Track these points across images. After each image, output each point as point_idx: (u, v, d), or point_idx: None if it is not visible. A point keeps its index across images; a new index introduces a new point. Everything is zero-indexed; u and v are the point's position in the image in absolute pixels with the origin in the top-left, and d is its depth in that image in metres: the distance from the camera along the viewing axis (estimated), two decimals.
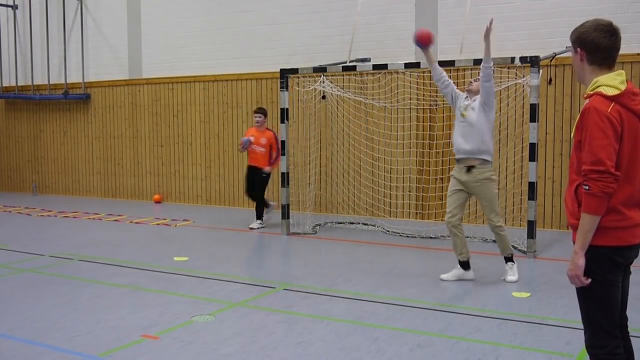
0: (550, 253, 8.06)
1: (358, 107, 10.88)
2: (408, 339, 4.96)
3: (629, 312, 3.32)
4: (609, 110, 2.92)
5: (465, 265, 6.75)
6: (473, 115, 6.59)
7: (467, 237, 7.00)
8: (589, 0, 9.36)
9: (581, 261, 2.97)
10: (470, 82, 6.96)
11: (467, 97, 6.78)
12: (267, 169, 10.00)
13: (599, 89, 3.00)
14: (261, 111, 10.18)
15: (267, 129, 10.17)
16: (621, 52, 3.31)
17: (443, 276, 6.77)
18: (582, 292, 3.08)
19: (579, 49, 3.10)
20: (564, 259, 7.83)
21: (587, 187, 2.93)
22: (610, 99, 2.95)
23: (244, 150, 10.14)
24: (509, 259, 6.76)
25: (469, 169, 6.55)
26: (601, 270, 3.00)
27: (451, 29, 10.20)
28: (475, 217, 10.09)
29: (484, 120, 6.57)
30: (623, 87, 2.99)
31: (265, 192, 10.32)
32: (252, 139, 9.95)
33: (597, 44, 3.05)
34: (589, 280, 3.00)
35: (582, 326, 3.19)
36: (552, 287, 6.42)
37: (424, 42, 6.53)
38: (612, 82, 3.00)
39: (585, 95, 3.09)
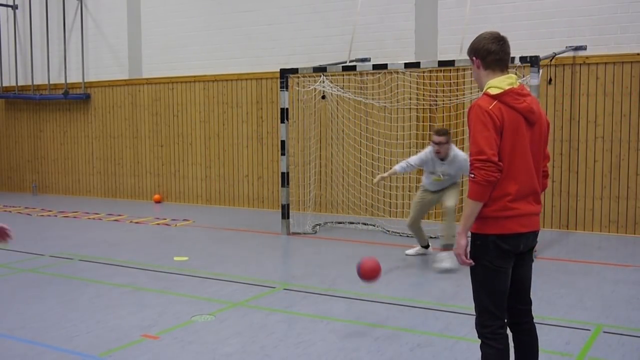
0: (550, 253, 8.05)
1: (358, 107, 10.88)
2: (408, 339, 4.96)
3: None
4: (490, 107, 3.20)
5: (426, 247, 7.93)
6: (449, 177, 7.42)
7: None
8: (589, 0, 9.35)
9: (463, 242, 3.28)
10: (437, 145, 7.25)
11: (438, 159, 7.32)
12: None
13: (487, 90, 3.31)
14: None
15: None
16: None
17: (408, 252, 7.92)
18: (472, 276, 3.38)
19: (474, 58, 3.42)
20: (564, 259, 7.84)
21: (472, 175, 3.17)
22: (493, 97, 3.25)
23: None
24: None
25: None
26: (489, 257, 3.27)
27: (451, 29, 10.19)
28: None
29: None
30: (507, 88, 3.27)
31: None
32: None
33: (487, 49, 3.36)
34: (472, 262, 3.28)
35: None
36: (551, 287, 6.41)
37: (368, 277, 5.42)
38: (499, 84, 3.29)
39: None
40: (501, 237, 3.25)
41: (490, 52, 3.35)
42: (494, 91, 3.26)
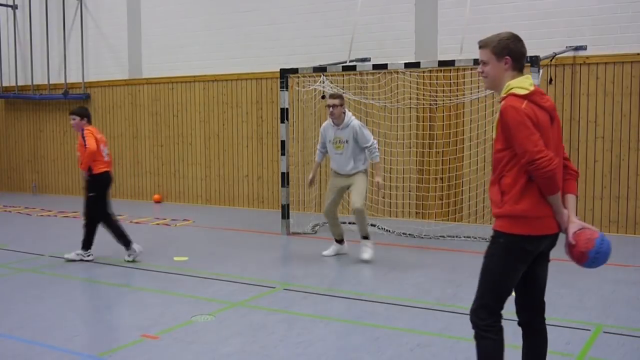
0: (550, 253, 8.04)
1: (358, 107, 10.87)
2: (408, 339, 4.96)
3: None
4: (523, 107, 3.24)
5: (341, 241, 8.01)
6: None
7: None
8: (589, 0, 9.35)
9: (578, 221, 3.35)
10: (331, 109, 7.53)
11: (333, 124, 7.65)
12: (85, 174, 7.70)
13: (511, 91, 3.32)
14: (74, 112, 7.86)
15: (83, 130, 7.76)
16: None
17: (325, 252, 7.95)
18: (484, 270, 3.41)
19: (507, 57, 3.39)
20: (564, 259, 7.82)
21: (535, 177, 3.19)
22: (523, 97, 3.28)
23: None
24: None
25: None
26: (509, 257, 3.31)
27: (451, 29, 10.19)
28: (476, 218, 10.09)
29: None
30: (532, 88, 3.33)
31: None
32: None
33: (522, 52, 3.42)
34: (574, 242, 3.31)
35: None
36: (551, 287, 6.39)
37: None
38: (522, 84, 3.33)
39: (500, 99, 3.40)
40: (527, 238, 3.28)
41: (524, 55, 3.42)
42: (521, 91, 3.29)
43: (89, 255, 7.82)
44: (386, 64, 9.33)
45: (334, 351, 4.71)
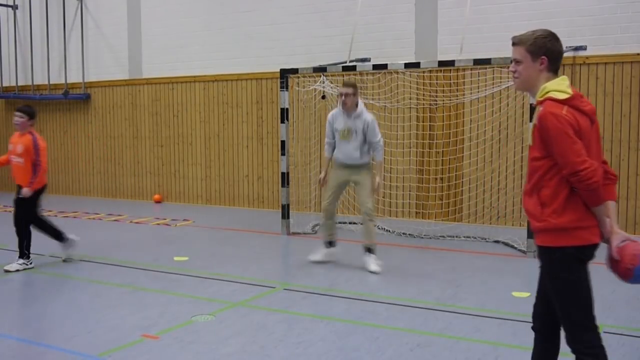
0: None
1: None
2: (408, 339, 4.96)
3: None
4: (563, 113, 3.03)
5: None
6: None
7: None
8: (589, 0, 9.35)
9: (621, 231, 3.15)
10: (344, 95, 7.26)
11: (345, 112, 7.30)
12: (24, 190, 7.23)
13: (548, 94, 3.11)
14: (22, 109, 7.34)
15: (29, 132, 7.33)
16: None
17: (312, 258, 7.62)
18: (555, 293, 3.21)
19: (543, 57, 3.18)
20: None
21: (578, 189, 3.03)
22: (563, 102, 3.07)
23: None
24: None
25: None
26: (570, 270, 3.15)
27: (451, 29, 10.19)
28: (476, 218, 10.09)
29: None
30: (571, 91, 3.11)
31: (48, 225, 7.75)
32: (10, 147, 7.42)
33: (560, 52, 3.22)
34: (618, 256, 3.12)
35: None
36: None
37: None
38: (559, 87, 3.12)
39: (536, 102, 3.20)
40: (579, 249, 3.12)
41: (561, 55, 3.22)
42: (560, 95, 3.08)
43: (31, 263, 7.43)
44: (386, 64, 9.33)
45: (334, 351, 4.71)
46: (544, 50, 3.17)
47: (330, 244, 7.66)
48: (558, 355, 3.48)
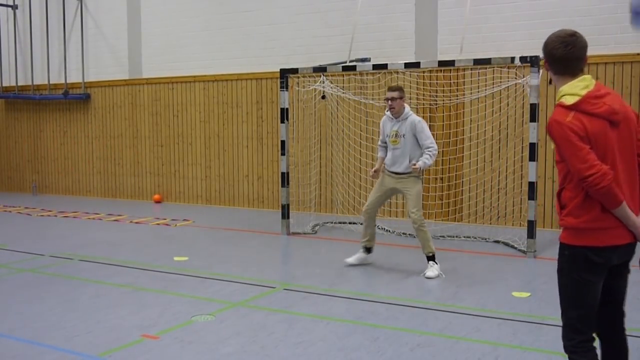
0: (550, 253, 8.05)
1: (358, 107, 10.88)
2: (408, 339, 4.96)
3: (628, 311, 3.35)
4: (567, 120, 3.01)
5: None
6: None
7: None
8: (589, 0, 9.35)
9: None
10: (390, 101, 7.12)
11: (392, 117, 7.19)
12: None
13: (561, 99, 3.09)
14: None
15: None
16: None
17: (348, 260, 7.46)
18: (559, 289, 3.25)
19: (546, 62, 3.19)
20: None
21: (590, 193, 3.03)
22: (569, 108, 3.04)
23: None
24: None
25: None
26: (577, 269, 3.12)
27: (451, 28, 10.20)
28: (476, 218, 10.09)
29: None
30: (583, 93, 3.04)
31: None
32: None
33: (553, 54, 3.12)
34: None
35: None
36: (552, 287, 6.38)
37: None
38: (572, 89, 3.07)
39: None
40: (593, 250, 3.08)
41: (556, 58, 3.11)
42: (568, 100, 3.04)
43: None
44: (386, 64, 9.33)
45: (334, 351, 4.71)
46: (545, 55, 3.17)
47: (368, 250, 7.49)
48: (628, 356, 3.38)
